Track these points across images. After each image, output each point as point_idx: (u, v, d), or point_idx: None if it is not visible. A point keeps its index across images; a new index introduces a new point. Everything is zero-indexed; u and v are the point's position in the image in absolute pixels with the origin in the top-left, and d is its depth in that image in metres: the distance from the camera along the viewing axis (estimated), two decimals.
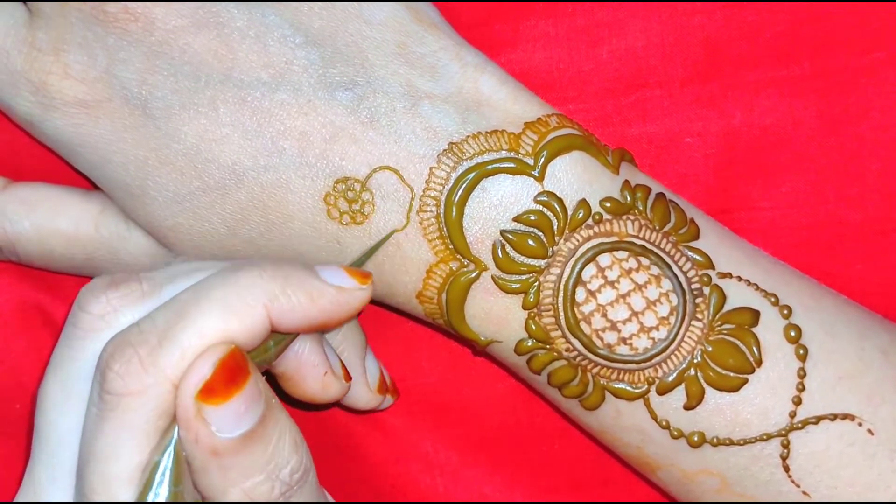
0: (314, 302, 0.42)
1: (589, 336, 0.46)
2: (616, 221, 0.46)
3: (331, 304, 0.42)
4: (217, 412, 0.40)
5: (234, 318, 0.40)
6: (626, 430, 0.47)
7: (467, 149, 0.46)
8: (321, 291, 0.42)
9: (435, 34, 0.47)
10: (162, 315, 0.41)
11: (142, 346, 0.40)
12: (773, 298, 0.47)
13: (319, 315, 0.42)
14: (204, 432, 0.40)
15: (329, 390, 0.46)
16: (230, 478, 0.40)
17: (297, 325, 0.42)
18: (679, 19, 0.52)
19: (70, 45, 0.46)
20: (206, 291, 0.41)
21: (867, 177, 0.52)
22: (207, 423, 0.40)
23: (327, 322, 0.43)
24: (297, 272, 0.42)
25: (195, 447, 0.40)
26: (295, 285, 0.42)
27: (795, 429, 0.46)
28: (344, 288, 0.43)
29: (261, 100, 0.46)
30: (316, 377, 0.46)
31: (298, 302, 0.41)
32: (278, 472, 0.41)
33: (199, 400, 0.39)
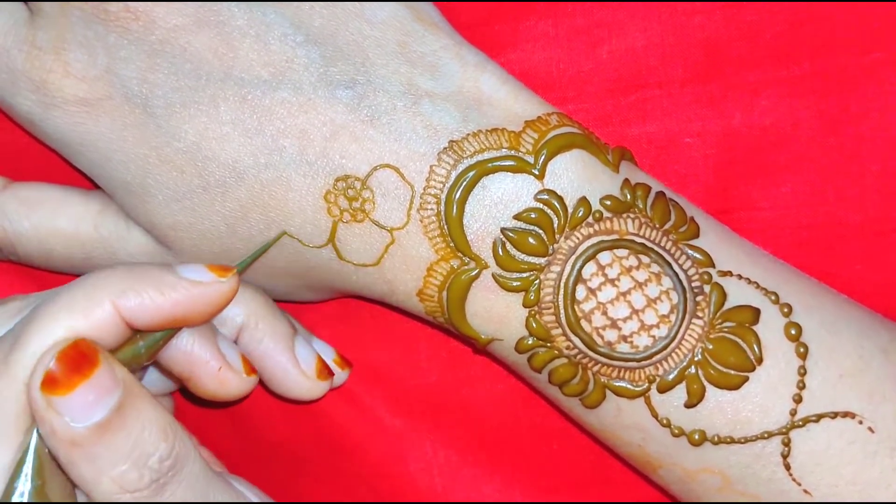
0: (165, 296, 0.43)
1: (589, 334, 0.46)
2: (616, 219, 0.46)
3: (185, 298, 0.43)
4: (65, 402, 0.40)
5: (80, 316, 0.42)
6: (626, 429, 0.47)
7: (468, 147, 0.46)
8: (173, 285, 0.43)
9: (435, 33, 0.47)
10: (17, 325, 0.43)
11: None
12: (773, 297, 0.47)
13: (174, 309, 0.43)
14: (58, 423, 0.41)
15: (227, 386, 0.47)
16: (97, 467, 0.41)
17: (152, 320, 0.43)
18: (679, 19, 0.52)
19: (71, 44, 0.46)
20: (55, 296, 0.42)
21: (867, 177, 0.52)
22: (59, 413, 0.41)
23: (187, 316, 0.44)
24: (150, 269, 0.43)
25: (54, 439, 0.41)
26: (145, 281, 0.43)
27: (796, 427, 0.46)
28: (200, 282, 0.44)
29: (261, 98, 0.46)
30: (210, 374, 0.46)
31: (148, 296, 0.43)
32: (145, 460, 0.42)
33: (43, 391, 0.40)
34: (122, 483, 0.41)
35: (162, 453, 0.42)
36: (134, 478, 0.41)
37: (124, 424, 0.41)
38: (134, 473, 0.41)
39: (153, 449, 0.42)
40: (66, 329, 0.42)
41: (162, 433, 0.42)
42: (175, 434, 0.43)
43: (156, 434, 0.42)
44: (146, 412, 0.42)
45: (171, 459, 0.42)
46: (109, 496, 0.41)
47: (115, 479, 0.41)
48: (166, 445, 0.42)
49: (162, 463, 0.42)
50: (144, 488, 0.42)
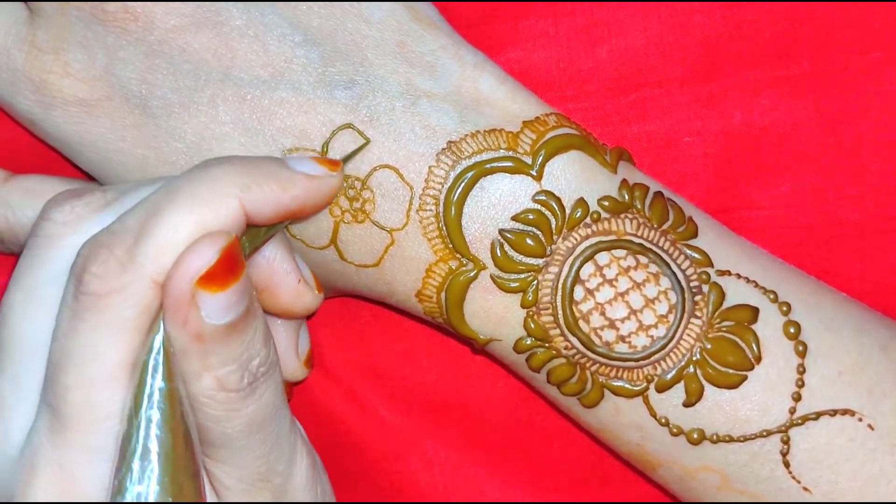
0: (286, 190, 0.42)
1: (587, 334, 0.46)
2: (614, 220, 0.46)
3: (303, 191, 0.43)
4: (211, 299, 0.40)
5: (208, 209, 0.40)
6: (625, 428, 0.47)
7: (466, 148, 0.46)
8: (292, 180, 0.43)
9: (434, 33, 0.47)
10: (133, 216, 0.41)
11: (117, 247, 0.40)
12: (771, 295, 0.47)
13: (292, 202, 0.43)
14: (194, 316, 0.40)
15: (304, 299, 0.46)
16: (207, 363, 0.40)
17: (272, 214, 0.42)
18: (679, 19, 0.51)
19: (70, 44, 0.46)
20: (178, 187, 0.41)
21: (867, 177, 0.52)
22: (199, 307, 0.40)
23: (301, 210, 0.43)
24: (266, 163, 0.42)
25: (181, 330, 0.40)
26: (266, 175, 0.42)
27: (795, 425, 0.46)
28: (314, 175, 0.43)
29: (260, 98, 0.46)
30: (290, 286, 0.46)
31: (271, 190, 0.42)
32: (249, 362, 0.41)
33: (198, 286, 0.39)
34: (224, 382, 0.41)
35: (262, 358, 0.41)
36: (236, 378, 0.41)
37: (246, 327, 0.41)
38: (237, 374, 0.41)
39: (257, 352, 0.41)
40: (194, 223, 0.40)
41: (265, 338, 0.42)
42: (271, 339, 0.42)
43: (262, 339, 0.42)
44: (259, 318, 0.42)
45: (268, 364, 0.42)
46: (205, 392, 0.41)
47: (218, 377, 0.40)
48: (266, 351, 0.42)
49: (260, 367, 0.41)
50: (242, 389, 0.41)
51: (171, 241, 0.40)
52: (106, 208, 0.42)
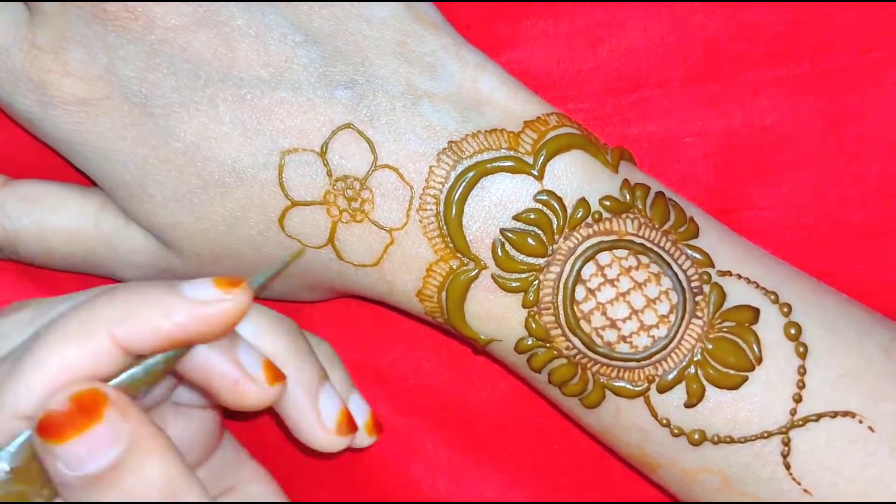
0: (167, 319, 0.41)
1: (589, 334, 0.46)
2: (615, 220, 0.46)
3: (188, 320, 0.41)
4: (58, 450, 0.40)
5: (74, 347, 0.40)
6: (626, 429, 0.47)
7: (467, 147, 0.46)
8: (175, 307, 0.41)
9: (435, 33, 0.47)
10: (14, 353, 0.42)
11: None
12: (772, 296, 0.46)
13: (177, 332, 0.41)
14: (50, 464, 0.40)
15: (247, 398, 0.44)
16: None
17: (154, 345, 0.41)
18: (679, 19, 0.51)
19: (70, 44, 0.46)
20: (55, 324, 0.41)
21: (867, 177, 0.52)
22: (54, 456, 0.40)
23: (193, 337, 0.42)
24: (151, 290, 0.42)
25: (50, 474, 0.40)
26: (146, 304, 0.41)
27: (796, 426, 0.46)
28: (204, 301, 0.42)
29: (260, 98, 0.46)
30: (227, 387, 0.43)
31: (150, 322, 0.41)
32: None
33: (38, 435, 0.40)
34: None
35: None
36: None
37: (118, 481, 0.40)
38: None
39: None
40: (60, 361, 0.40)
41: (161, 493, 0.40)
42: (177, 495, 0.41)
43: (154, 493, 0.40)
44: (148, 469, 0.40)
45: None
46: None
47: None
48: None
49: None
50: None
51: (35, 380, 0.40)
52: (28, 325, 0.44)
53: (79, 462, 0.40)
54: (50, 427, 0.40)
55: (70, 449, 0.39)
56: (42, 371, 0.40)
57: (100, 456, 0.40)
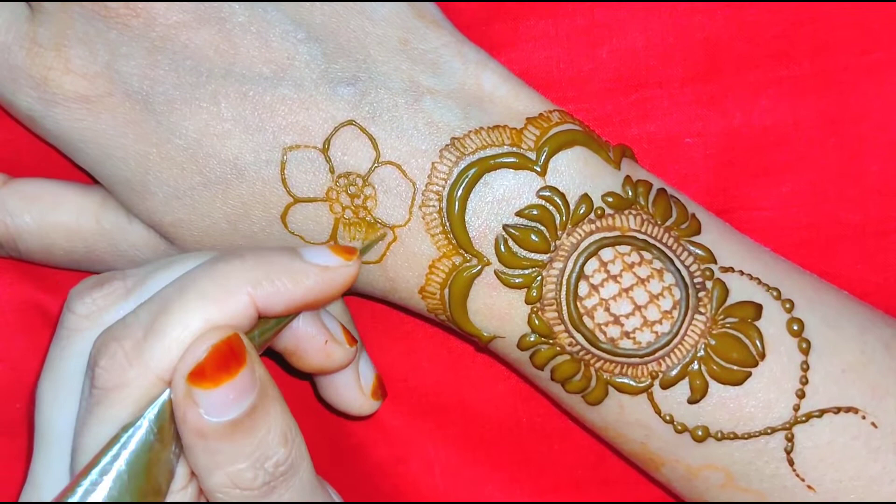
0: (298, 284, 0.42)
1: (592, 330, 0.46)
2: (618, 216, 0.46)
3: (316, 284, 0.43)
4: (206, 396, 0.40)
5: (217, 307, 0.41)
6: (629, 426, 0.47)
7: (469, 144, 0.46)
8: (305, 272, 0.43)
9: (437, 31, 0.47)
10: (146, 310, 0.42)
11: (126, 340, 0.41)
12: (775, 292, 0.46)
13: (305, 295, 0.43)
14: (192, 413, 0.40)
15: (333, 358, 0.46)
16: (215, 461, 0.41)
17: (285, 307, 0.42)
18: (679, 19, 0.52)
19: (71, 41, 0.46)
20: (189, 283, 0.41)
21: (867, 177, 0.52)
22: (196, 404, 0.40)
23: (316, 301, 0.43)
24: (279, 256, 0.43)
25: (183, 426, 0.41)
26: (277, 269, 0.42)
27: (799, 422, 0.46)
28: (328, 266, 0.43)
29: (262, 95, 0.46)
30: (317, 348, 0.46)
31: (282, 285, 0.42)
32: (263, 462, 0.41)
33: (188, 382, 0.40)
34: (236, 480, 0.41)
35: (280, 457, 0.42)
36: (248, 477, 0.41)
37: (253, 426, 0.41)
38: (249, 473, 0.41)
39: (273, 452, 0.42)
40: (202, 320, 0.41)
41: (283, 437, 0.42)
42: (294, 439, 0.42)
43: (278, 438, 0.42)
44: (274, 415, 0.42)
45: (287, 465, 0.42)
46: (219, 488, 0.41)
47: (229, 475, 0.41)
48: (285, 451, 0.42)
49: (277, 467, 0.42)
50: (256, 489, 0.42)
51: (178, 339, 0.41)
52: (125, 297, 0.43)
53: (225, 407, 0.40)
54: (204, 373, 0.40)
55: (219, 394, 0.40)
56: (187, 330, 0.41)
57: (243, 400, 0.41)
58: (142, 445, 0.40)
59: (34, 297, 0.53)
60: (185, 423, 0.41)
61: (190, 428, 0.41)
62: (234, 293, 0.41)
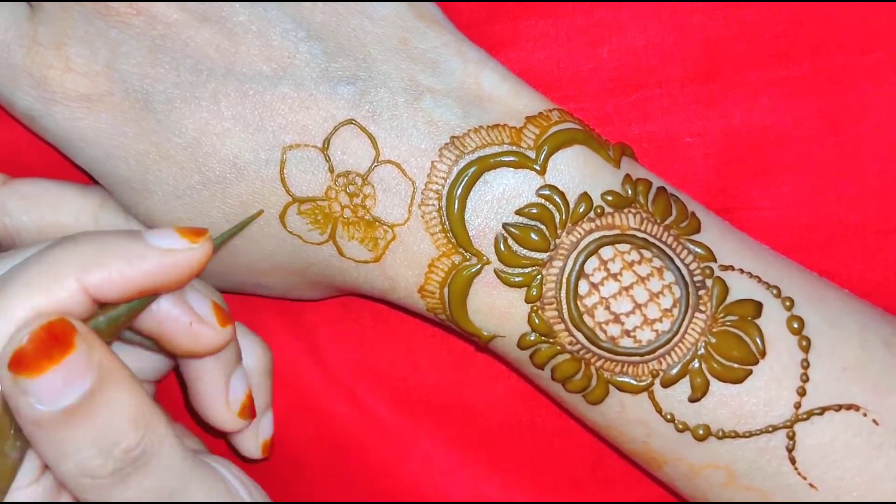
0: (134, 267, 0.41)
1: (592, 329, 0.46)
2: (618, 214, 0.46)
3: (155, 268, 0.41)
4: (33, 384, 0.39)
5: (43, 295, 0.40)
6: (630, 425, 0.47)
7: (469, 143, 0.46)
8: (142, 256, 0.41)
9: (436, 30, 0.47)
10: None
11: None
12: (775, 290, 0.46)
13: (144, 280, 0.41)
14: (23, 403, 0.39)
15: (202, 340, 0.44)
16: (60, 450, 0.40)
17: (121, 293, 0.41)
18: (679, 19, 0.52)
19: (72, 40, 0.46)
20: (16, 273, 0.40)
21: (867, 177, 0.52)
22: (25, 393, 0.39)
23: (159, 286, 0.42)
24: (117, 238, 0.41)
25: (18, 416, 0.39)
26: (112, 253, 0.41)
27: (801, 420, 0.46)
28: (171, 249, 0.42)
29: (262, 93, 0.46)
30: (182, 331, 0.44)
31: (116, 270, 0.41)
32: (111, 448, 0.40)
33: (11, 371, 0.39)
34: (84, 469, 0.40)
35: (129, 443, 0.40)
36: (97, 464, 0.40)
37: (92, 412, 0.40)
38: (97, 461, 0.40)
39: (120, 438, 0.40)
40: (27, 309, 0.39)
41: (133, 422, 0.40)
42: (147, 424, 0.41)
43: (125, 423, 0.40)
44: (119, 399, 0.40)
45: (139, 450, 0.41)
46: (70, 477, 0.40)
47: (77, 464, 0.40)
48: (135, 436, 0.40)
49: (128, 453, 0.40)
50: (106, 476, 0.40)
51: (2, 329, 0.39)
52: None
53: (54, 394, 0.39)
54: (25, 360, 0.39)
55: (46, 381, 0.39)
56: (9, 320, 0.39)
57: (75, 386, 0.39)
58: None
59: None
60: (18, 413, 0.39)
61: (25, 418, 0.39)
62: (61, 280, 0.40)
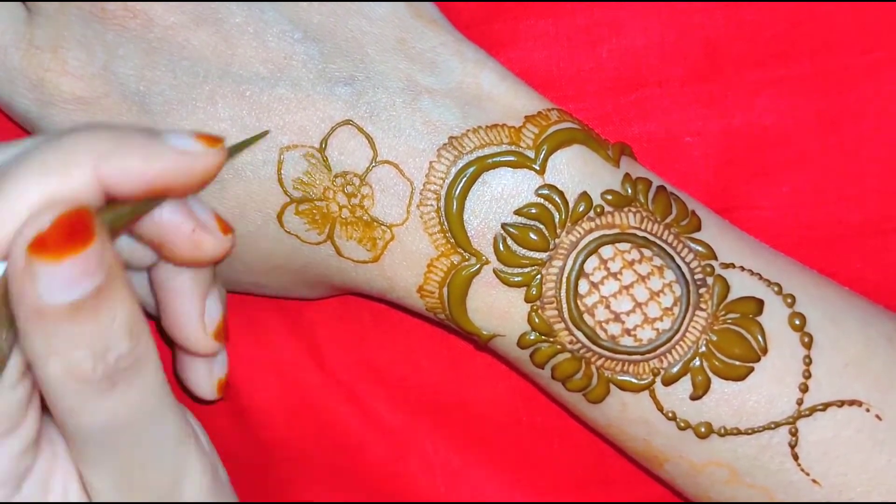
0: (150, 163, 0.39)
1: (592, 328, 0.46)
2: (618, 214, 0.46)
3: (170, 166, 0.39)
4: (48, 271, 0.36)
5: (57, 178, 0.38)
6: (632, 423, 0.47)
7: (467, 143, 0.46)
8: (159, 153, 0.39)
9: (435, 30, 0.47)
10: None
11: None
12: (776, 287, 0.46)
13: (158, 178, 0.39)
14: (30, 289, 0.37)
15: (203, 247, 0.43)
16: (52, 345, 0.37)
17: (135, 188, 0.39)
18: (679, 19, 0.51)
19: (68, 42, 0.46)
20: (31, 154, 0.38)
21: (867, 177, 0.52)
22: (34, 280, 0.36)
23: (171, 187, 0.40)
24: (135, 133, 0.39)
25: (19, 302, 0.37)
26: (130, 146, 0.39)
27: (803, 416, 0.45)
28: (186, 150, 0.40)
29: (259, 94, 0.45)
30: (184, 237, 0.42)
31: (133, 162, 0.39)
32: (104, 352, 0.38)
33: (30, 253, 0.36)
34: (73, 369, 0.38)
35: (122, 350, 0.38)
36: (87, 367, 0.38)
37: (97, 310, 0.37)
38: (88, 363, 0.38)
39: (115, 343, 0.38)
40: (41, 193, 0.37)
41: (128, 330, 0.38)
42: (140, 335, 0.39)
43: (123, 329, 0.38)
44: (121, 303, 0.38)
45: (131, 360, 0.38)
46: (54, 377, 0.38)
47: (67, 363, 0.38)
48: (129, 344, 0.38)
49: (119, 361, 0.38)
50: (94, 381, 0.38)
51: (13, 210, 0.37)
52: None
53: (66, 286, 0.37)
54: (47, 244, 0.36)
55: (61, 270, 0.36)
56: (22, 201, 0.37)
57: (88, 281, 0.37)
58: None
59: None
60: (22, 300, 0.37)
61: (27, 306, 0.37)
62: (79, 165, 0.38)
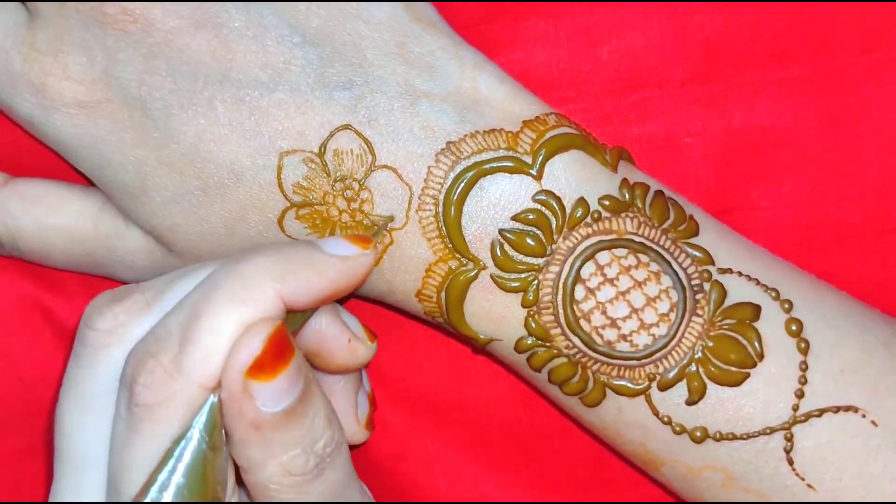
0: (322, 275, 0.42)
1: (588, 333, 0.46)
2: (615, 219, 0.46)
3: (338, 274, 0.43)
4: (263, 388, 0.40)
5: (247, 307, 0.41)
6: (628, 427, 0.47)
7: (465, 148, 0.46)
8: (328, 264, 0.43)
9: (433, 34, 0.47)
10: (174, 320, 0.41)
11: (163, 354, 0.41)
12: (773, 293, 0.46)
13: (329, 287, 0.43)
14: (249, 407, 0.40)
15: (357, 355, 0.47)
16: (269, 451, 0.41)
17: (311, 300, 0.42)
18: (679, 19, 0.51)
19: (69, 47, 0.46)
20: (214, 287, 0.41)
21: (867, 177, 0.52)
22: (253, 397, 0.40)
23: (339, 292, 0.43)
24: (300, 250, 0.43)
25: (238, 420, 0.40)
26: (300, 263, 0.42)
27: (798, 422, 0.46)
28: (348, 256, 0.43)
29: (259, 99, 0.46)
30: (341, 347, 0.46)
31: (307, 278, 0.42)
32: (313, 445, 0.42)
33: (248, 376, 0.40)
34: (289, 467, 0.41)
35: (327, 439, 0.42)
36: (301, 462, 0.41)
37: (304, 411, 0.41)
38: (301, 459, 0.41)
39: (320, 434, 0.42)
40: (235, 323, 0.40)
41: (327, 420, 0.42)
42: (335, 420, 0.43)
43: (324, 420, 0.42)
44: (319, 398, 0.42)
45: (333, 445, 0.42)
46: (272, 479, 0.41)
47: (283, 463, 0.41)
48: (330, 432, 0.42)
49: (325, 448, 0.42)
50: (308, 472, 0.42)
51: (216, 346, 0.40)
52: (147, 310, 0.43)
53: (280, 396, 0.40)
54: (264, 366, 0.40)
55: (276, 384, 0.40)
56: (223, 335, 0.40)
57: (294, 388, 0.41)
58: (196, 456, 0.40)
59: (35, 295, 0.53)
60: (241, 418, 0.40)
61: (246, 421, 0.40)
62: (262, 290, 0.41)
